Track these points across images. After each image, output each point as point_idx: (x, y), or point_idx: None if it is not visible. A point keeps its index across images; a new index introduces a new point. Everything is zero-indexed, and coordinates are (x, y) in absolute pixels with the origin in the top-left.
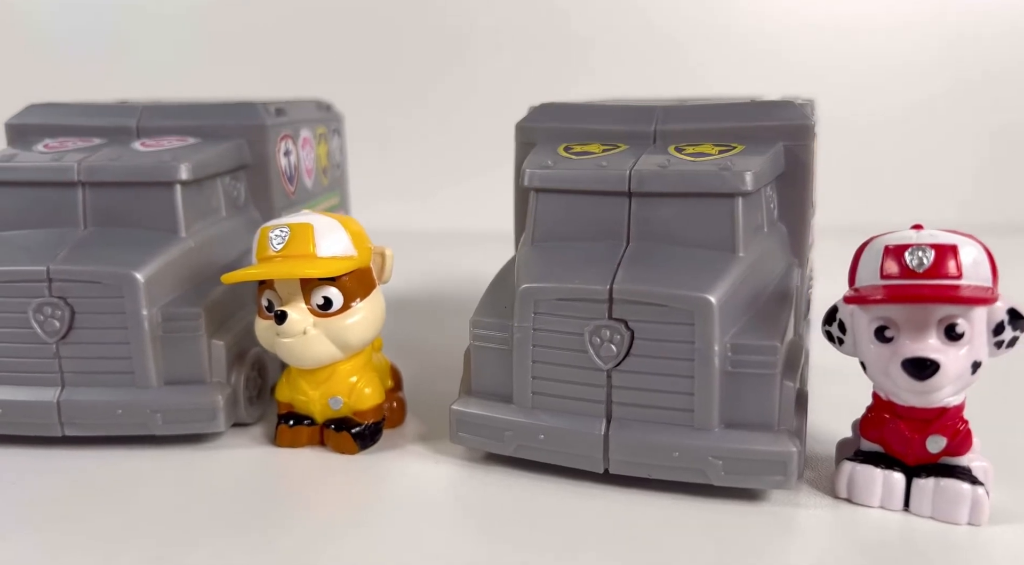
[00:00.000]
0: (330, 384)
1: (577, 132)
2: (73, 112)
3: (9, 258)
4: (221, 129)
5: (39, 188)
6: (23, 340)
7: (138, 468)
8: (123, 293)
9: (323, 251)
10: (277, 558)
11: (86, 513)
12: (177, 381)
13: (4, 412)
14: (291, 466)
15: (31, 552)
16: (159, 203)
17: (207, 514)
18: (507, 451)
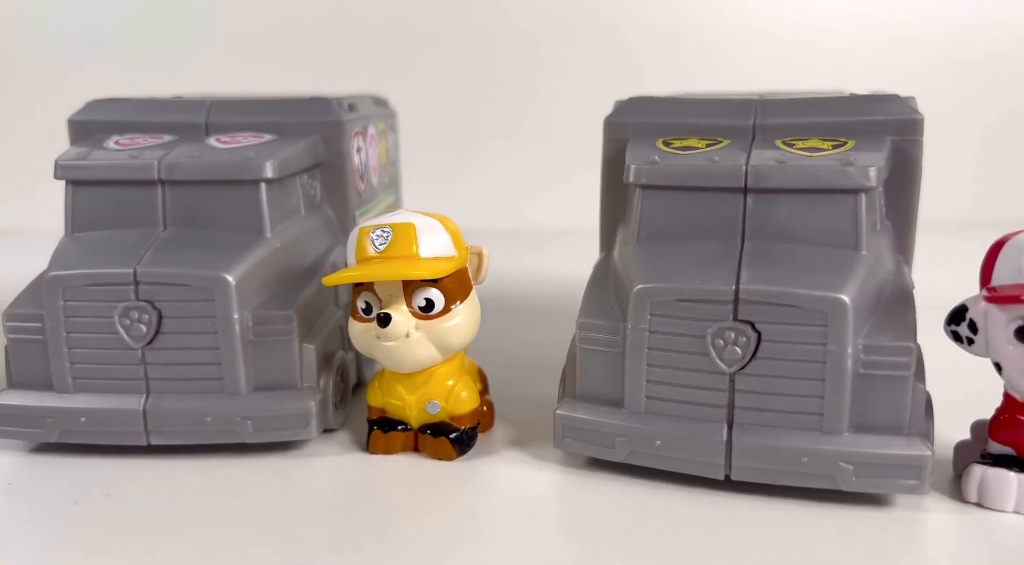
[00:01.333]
0: (427, 388)
1: (672, 126)
2: (138, 108)
3: (92, 260)
4: (296, 125)
5: (117, 187)
6: (108, 345)
7: (231, 477)
8: (214, 296)
9: (425, 251)
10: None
11: (191, 524)
12: (266, 387)
13: (87, 420)
14: (389, 473)
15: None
16: (243, 202)
17: (314, 524)
18: (618, 458)
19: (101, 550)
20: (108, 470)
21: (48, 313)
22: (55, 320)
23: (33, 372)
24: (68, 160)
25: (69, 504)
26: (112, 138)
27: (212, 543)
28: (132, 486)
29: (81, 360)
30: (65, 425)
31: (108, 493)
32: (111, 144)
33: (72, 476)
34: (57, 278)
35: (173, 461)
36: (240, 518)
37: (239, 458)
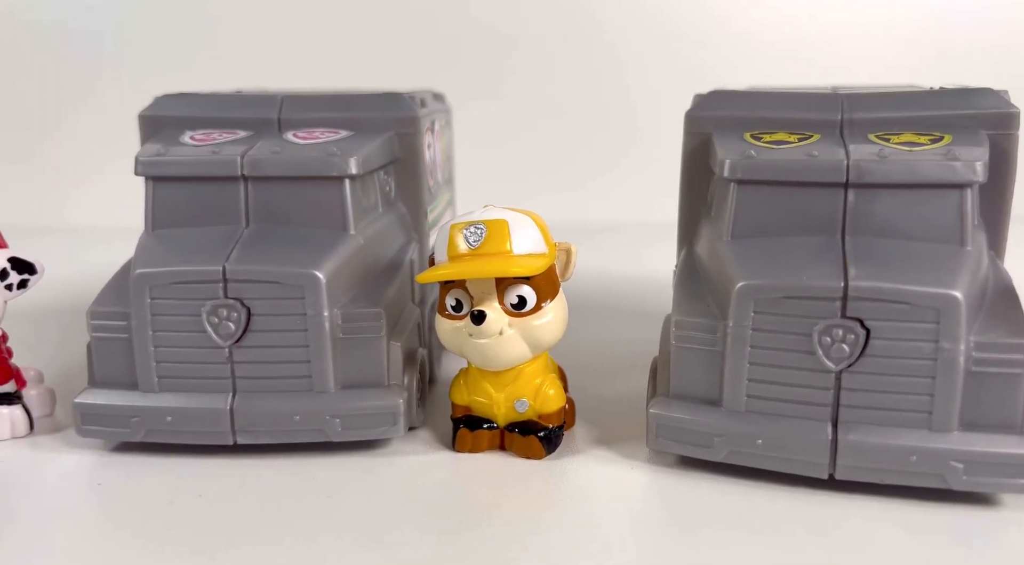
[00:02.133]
0: (516, 386)
1: (755, 120)
2: (208, 103)
3: (179, 257)
4: (371, 121)
5: (199, 183)
6: (195, 344)
7: (320, 476)
8: (304, 294)
9: (518, 248)
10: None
11: (291, 524)
12: (353, 385)
13: (173, 420)
14: (478, 472)
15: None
16: (327, 199)
17: (412, 523)
18: (716, 457)
19: (205, 550)
20: (194, 469)
21: (134, 311)
22: (141, 318)
23: (116, 371)
24: (149, 156)
25: (164, 504)
26: (187, 133)
27: (314, 542)
28: (223, 486)
29: (167, 358)
30: (151, 424)
31: (201, 493)
32: (187, 139)
33: (160, 476)
34: (144, 276)
35: (255, 460)
36: (339, 517)
37: (321, 457)
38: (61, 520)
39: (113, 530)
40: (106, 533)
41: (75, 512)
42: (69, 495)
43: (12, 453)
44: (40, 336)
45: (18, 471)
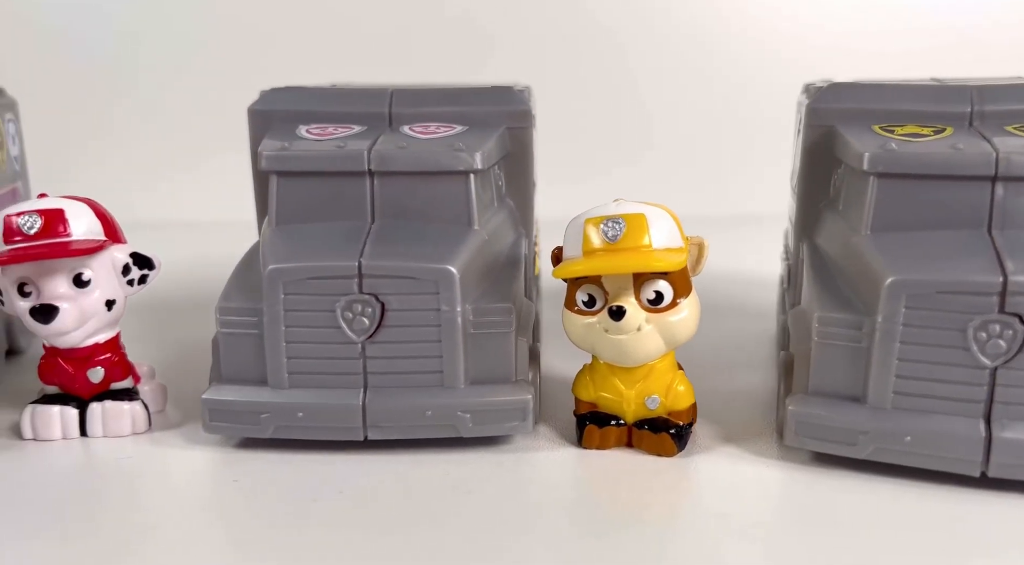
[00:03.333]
0: (647, 383)
1: (883, 113)
2: (317, 97)
3: (313, 253)
4: (485, 115)
5: (324, 178)
6: (328, 339)
7: (455, 472)
8: (439, 289)
9: (657, 242)
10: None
11: (437, 519)
12: (482, 380)
13: (305, 416)
14: (609, 469)
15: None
16: (452, 194)
17: (554, 521)
18: (860, 454)
19: (362, 545)
20: (325, 466)
21: (267, 307)
22: (274, 314)
23: (244, 366)
24: (274, 151)
25: (308, 501)
26: (301, 128)
27: (464, 537)
28: (362, 482)
29: (299, 354)
30: (281, 421)
31: (342, 489)
32: (304, 133)
33: (293, 472)
34: (278, 271)
35: (383, 455)
36: (482, 513)
37: (447, 452)
38: (208, 516)
39: (266, 527)
40: (260, 530)
41: (219, 509)
42: (208, 491)
43: (137, 448)
44: (138, 332)
45: (150, 467)
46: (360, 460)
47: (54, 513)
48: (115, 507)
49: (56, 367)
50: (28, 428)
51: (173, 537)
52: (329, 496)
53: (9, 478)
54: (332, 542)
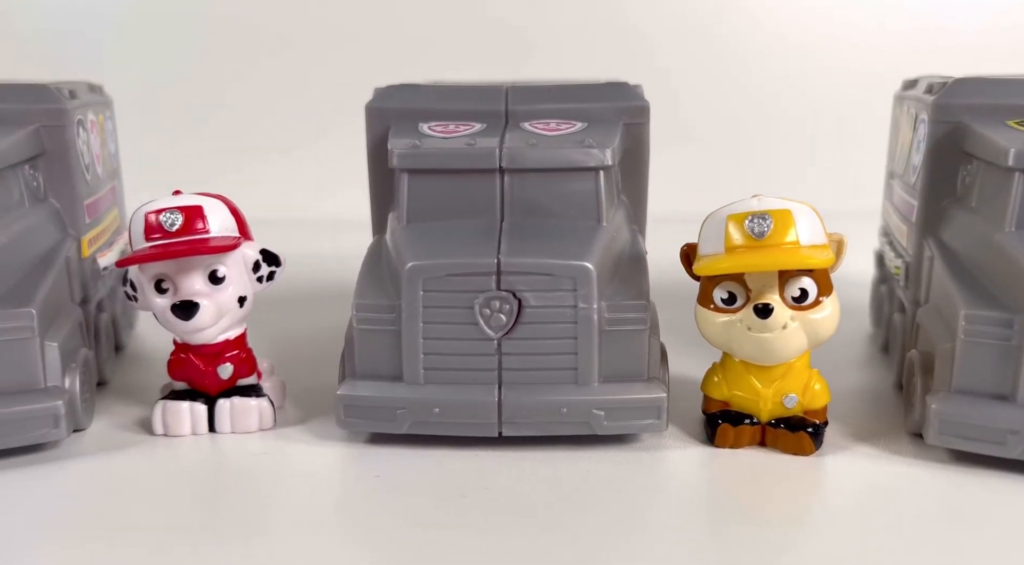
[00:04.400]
0: (785, 381)
1: (1013, 108)
2: (433, 94)
3: (450, 250)
4: (602, 111)
5: (455, 175)
6: (464, 336)
7: (590, 471)
8: (576, 286)
9: (804, 239)
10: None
11: (592, 515)
12: (614, 378)
13: (441, 412)
14: (748, 468)
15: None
16: (582, 191)
17: (704, 521)
18: (1011, 454)
19: (523, 541)
20: (461, 462)
21: (406, 303)
22: (412, 310)
23: (379, 362)
24: (405, 149)
25: (456, 497)
26: (423, 125)
27: (620, 536)
28: (503, 478)
29: (436, 350)
30: (417, 416)
31: (488, 486)
32: (427, 131)
33: (432, 468)
34: (417, 268)
35: (515, 452)
36: (631, 510)
37: (578, 450)
38: (357, 511)
39: (419, 522)
40: (413, 525)
41: (367, 504)
42: (351, 486)
43: (268, 444)
44: None
45: (286, 462)
46: (493, 456)
47: (201, 508)
48: (261, 503)
49: (187, 363)
50: (159, 424)
51: (325, 531)
52: (476, 492)
53: (148, 473)
54: (490, 538)
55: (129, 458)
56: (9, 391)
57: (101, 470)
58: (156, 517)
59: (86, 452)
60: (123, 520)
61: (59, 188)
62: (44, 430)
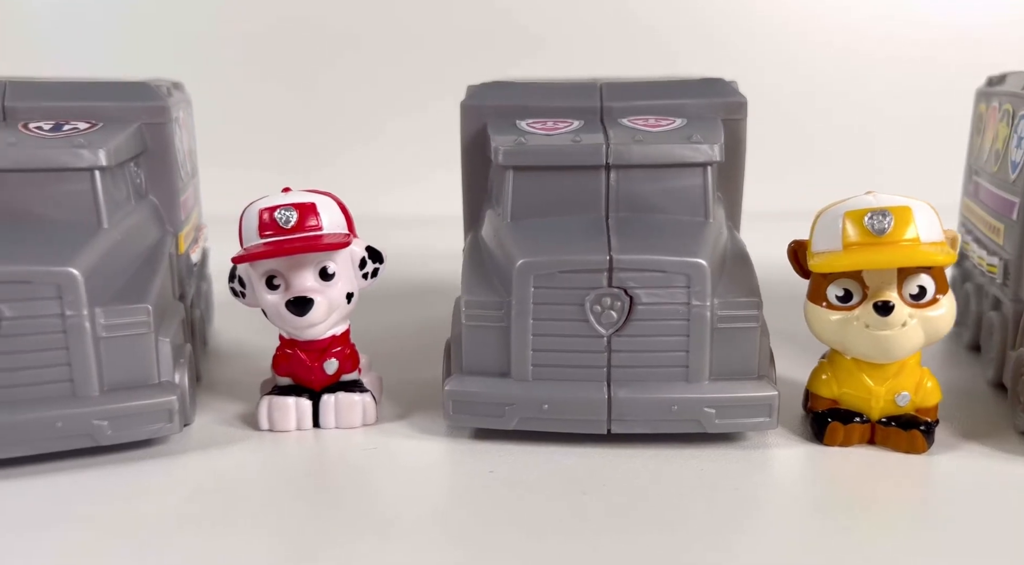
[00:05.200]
0: (899, 379)
1: None
2: (528, 92)
3: (561, 247)
4: (700, 107)
5: (561, 172)
6: (574, 333)
7: (704, 469)
8: (690, 283)
9: (924, 236)
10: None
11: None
12: (724, 376)
13: (550, 408)
14: (859, 466)
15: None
16: (689, 187)
17: (823, 520)
18: None
19: (650, 538)
20: (574, 458)
21: (516, 300)
22: (523, 307)
23: (486, 358)
24: (510, 146)
25: (577, 494)
26: (521, 122)
27: (745, 534)
28: (618, 476)
29: (545, 347)
30: (526, 412)
31: (605, 483)
32: (527, 128)
33: (545, 464)
34: (528, 265)
35: (621, 450)
36: (750, 509)
37: (685, 448)
38: (478, 506)
39: (551, 521)
40: (540, 520)
41: (487, 499)
42: (468, 481)
43: (374, 439)
44: None
45: (397, 457)
46: (602, 454)
47: (318, 503)
48: (379, 498)
49: (293, 358)
50: (264, 419)
51: (448, 525)
52: (595, 489)
53: (260, 468)
54: (615, 535)
55: (239, 453)
56: (125, 386)
57: (213, 465)
58: (274, 512)
59: (195, 447)
60: (242, 515)
61: (158, 185)
62: (159, 424)
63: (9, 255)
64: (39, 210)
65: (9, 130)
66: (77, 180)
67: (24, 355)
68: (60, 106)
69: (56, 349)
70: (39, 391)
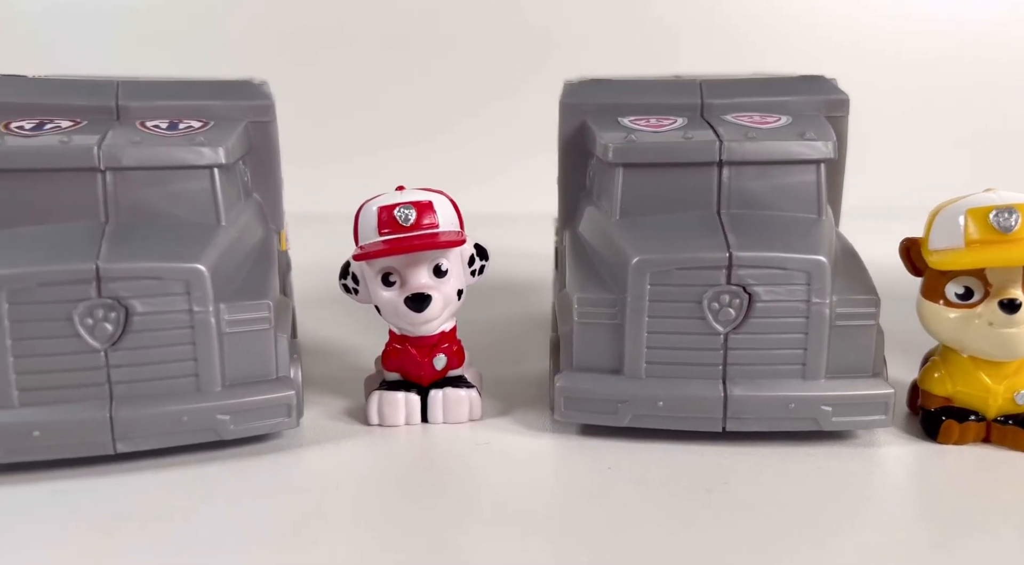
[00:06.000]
0: (1019, 377)
1: None
2: (627, 89)
3: (679, 244)
4: (802, 105)
5: (670, 169)
6: (691, 330)
7: (821, 467)
8: (810, 280)
9: None
10: None
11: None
12: (839, 373)
13: (664, 405)
14: (977, 465)
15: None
16: (803, 184)
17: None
18: None
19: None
20: (688, 455)
21: (631, 297)
22: (638, 304)
23: (597, 355)
24: (620, 144)
25: (701, 490)
26: (624, 119)
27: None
28: (742, 473)
29: (659, 345)
30: (640, 409)
31: (727, 480)
32: (631, 125)
33: (661, 462)
34: (645, 262)
35: (730, 447)
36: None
37: (796, 446)
38: (607, 502)
39: (679, 518)
40: (669, 519)
41: (615, 496)
42: (588, 478)
43: (484, 434)
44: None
45: (510, 452)
46: (717, 451)
47: (445, 498)
48: (504, 493)
49: (403, 354)
50: (375, 413)
51: (578, 520)
52: (718, 487)
53: (380, 462)
54: (745, 533)
55: (352, 448)
56: (244, 381)
57: (330, 460)
58: (397, 507)
59: (309, 442)
60: (365, 510)
61: (262, 183)
62: (278, 419)
63: (139, 252)
64: (161, 207)
65: (130, 128)
66: (197, 178)
67: (153, 350)
68: (170, 105)
69: (183, 344)
70: (166, 386)
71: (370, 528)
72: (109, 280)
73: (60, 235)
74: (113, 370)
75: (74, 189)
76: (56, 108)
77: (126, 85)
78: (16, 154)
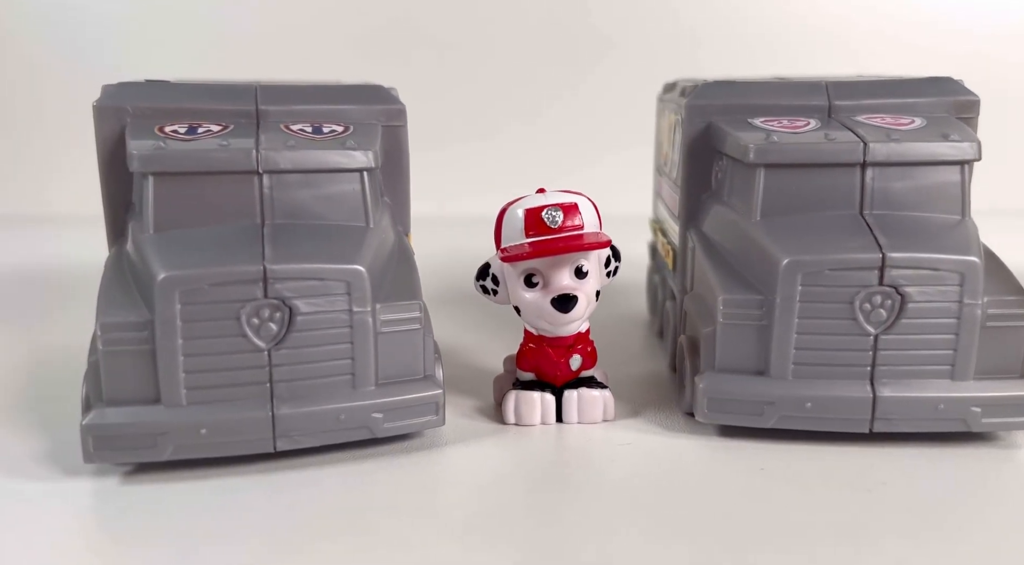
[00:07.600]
0: None
1: None
2: (755, 90)
3: (830, 245)
4: (931, 106)
5: (812, 170)
6: (841, 330)
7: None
8: (963, 282)
9: None
10: None
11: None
12: (987, 374)
13: (813, 406)
14: None
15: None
16: (945, 184)
17: None
18: None
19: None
20: (838, 458)
21: (781, 298)
22: (788, 305)
23: (741, 357)
24: (761, 144)
25: (862, 491)
26: (756, 120)
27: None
28: (896, 475)
29: (808, 345)
30: (787, 411)
31: (884, 481)
32: (763, 125)
33: (811, 463)
34: (796, 263)
35: (882, 448)
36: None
37: (940, 447)
38: (770, 503)
39: (841, 518)
40: (835, 519)
41: (774, 498)
42: (745, 479)
43: (621, 435)
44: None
45: (653, 453)
46: (864, 452)
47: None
48: (658, 494)
49: (540, 354)
50: (511, 413)
51: (740, 522)
52: (876, 487)
53: (525, 461)
54: (910, 534)
55: (493, 447)
56: (394, 380)
57: (474, 458)
58: (549, 505)
59: (450, 441)
60: (518, 507)
61: (393, 186)
62: (427, 418)
63: (302, 253)
64: (314, 209)
65: (279, 133)
66: (349, 180)
67: (313, 349)
68: (308, 109)
69: (342, 344)
70: (324, 384)
71: (539, 525)
72: (275, 281)
73: (223, 237)
74: (275, 369)
75: (233, 191)
76: (201, 112)
77: (264, 89)
78: (182, 157)
